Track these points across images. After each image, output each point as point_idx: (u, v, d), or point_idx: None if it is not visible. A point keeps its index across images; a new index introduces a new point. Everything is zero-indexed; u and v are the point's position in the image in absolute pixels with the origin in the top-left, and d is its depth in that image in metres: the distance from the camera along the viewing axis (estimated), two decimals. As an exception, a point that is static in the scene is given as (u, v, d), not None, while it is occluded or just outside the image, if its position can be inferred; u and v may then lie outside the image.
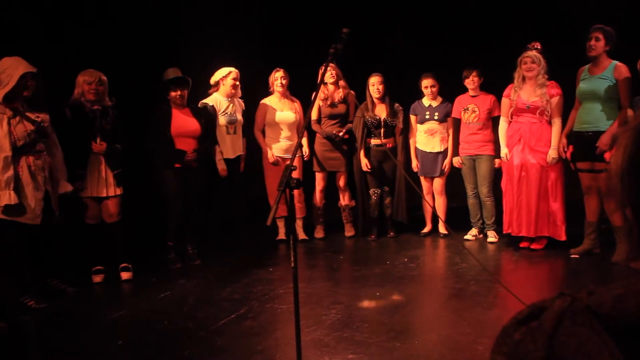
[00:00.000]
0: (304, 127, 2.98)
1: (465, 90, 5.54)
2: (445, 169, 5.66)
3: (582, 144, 4.68)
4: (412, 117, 5.73)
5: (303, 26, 6.77)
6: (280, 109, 5.60)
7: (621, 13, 5.50)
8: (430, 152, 5.66)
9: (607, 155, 4.48)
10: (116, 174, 4.59)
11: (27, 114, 4.01)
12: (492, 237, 5.52)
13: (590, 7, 5.73)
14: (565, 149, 4.82)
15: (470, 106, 5.48)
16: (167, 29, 5.94)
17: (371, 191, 5.73)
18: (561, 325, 0.63)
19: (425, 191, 5.77)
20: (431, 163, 5.67)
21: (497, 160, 5.39)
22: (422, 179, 5.78)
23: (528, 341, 0.65)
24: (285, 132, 5.61)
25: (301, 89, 5.51)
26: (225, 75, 5.31)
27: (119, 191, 4.60)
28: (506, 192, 5.19)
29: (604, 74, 4.57)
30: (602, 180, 4.61)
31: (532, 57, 4.87)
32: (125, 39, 5.43)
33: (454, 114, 5.59)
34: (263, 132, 5.65)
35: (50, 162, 4.16)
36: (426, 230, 5.87)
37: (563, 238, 4.97)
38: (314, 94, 2.99)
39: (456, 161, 5.60)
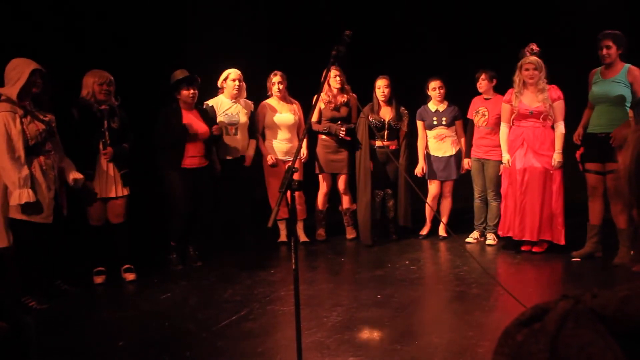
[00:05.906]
0: (305, 131, 2.96)
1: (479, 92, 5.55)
2: (463, 171, 5.65)
3: (594, 145, 4.68)
4: (420, 123, 5.68)
5: (309, 27, 6.75)
6: (279, 110, 5.58)
7: (622, 14, 5.49)
8: (442, 157, 5.63)
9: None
10: (123, 174, 4.58)
11: (36, 113, 4.02)
12: (490, 239, 5.50)
13: (590, 9, 5.74)
14: (580, 138, 4.82)
15: (481, 109, 5.47)
16: (173, 30, 5.94)
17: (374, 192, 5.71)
18: (564, 327, 0.63)
19: (433, 194, 5.71)
20: (445, 166, 5.63)
21: (501, 166, 5.33)
22: (429, 182, 5.73)
23: (531, 342, 0.65)
24: (284, 134, 5.58)
25: (306, 91, 5.49)
26: (225, 78, 5.31)
27: (125, 191, 4.59)
28: (506, 197, 5.16)
29: (618, 77, 4.56)
30: (611, 180, 4.59)
31: (534, 64, 4.85)
32: (131, 40, 5.43)
33: (468, 115, 5.59)
34: (263, 134, 5.63)
35: (58, 161, 4.18)
36: (425, 231, 5.84)
37: (562, 242, 4.95)
38: (315, 97, 2.99)
39: (467, 163, 5.60)
